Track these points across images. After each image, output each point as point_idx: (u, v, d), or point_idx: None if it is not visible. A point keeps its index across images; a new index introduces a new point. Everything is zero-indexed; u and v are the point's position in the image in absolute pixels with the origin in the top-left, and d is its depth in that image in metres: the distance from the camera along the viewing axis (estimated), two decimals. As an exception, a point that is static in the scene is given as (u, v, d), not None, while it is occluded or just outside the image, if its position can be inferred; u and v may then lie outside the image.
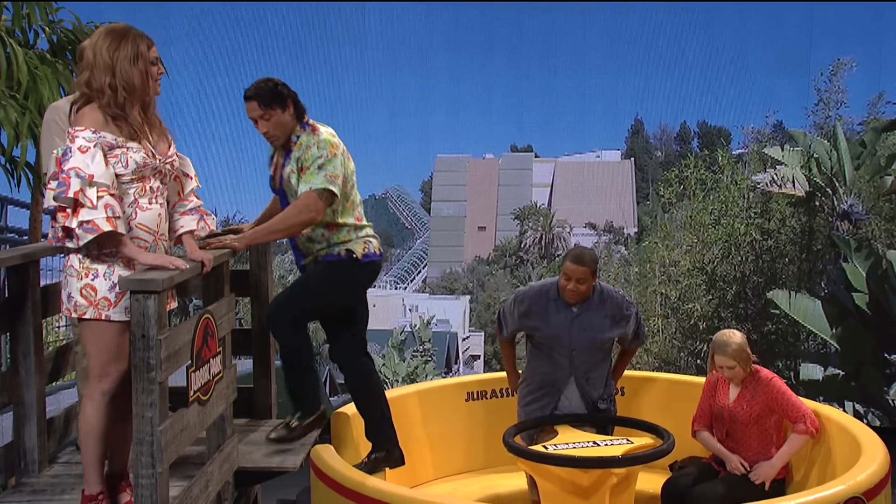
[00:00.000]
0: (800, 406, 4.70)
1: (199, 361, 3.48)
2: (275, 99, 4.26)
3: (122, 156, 3.32)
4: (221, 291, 3.89)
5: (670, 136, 13.12)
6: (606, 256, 12.63)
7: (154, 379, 3.09)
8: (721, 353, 4.74)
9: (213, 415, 3.71)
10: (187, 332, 3.40)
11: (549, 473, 4.50)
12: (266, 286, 4.91)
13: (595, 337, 4.72)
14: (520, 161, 13.10)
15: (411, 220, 13.95)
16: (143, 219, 3.40)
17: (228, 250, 3.96)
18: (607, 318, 4.75)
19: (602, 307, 4.74)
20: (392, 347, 12.98)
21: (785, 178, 10.77)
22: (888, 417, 9.53)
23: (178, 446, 3.31)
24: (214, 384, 3.68)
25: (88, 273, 3.31)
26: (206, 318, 3.58)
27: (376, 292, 13.75)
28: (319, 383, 5.11)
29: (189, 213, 3.66)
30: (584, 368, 4.74)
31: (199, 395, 3.49)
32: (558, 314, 4.71)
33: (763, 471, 4.64)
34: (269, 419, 4.89)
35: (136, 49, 3.37)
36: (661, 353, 11.39)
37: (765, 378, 4.75)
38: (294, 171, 4.31)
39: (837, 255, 10.14)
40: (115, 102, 3.32)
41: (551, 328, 4.71)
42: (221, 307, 3.80)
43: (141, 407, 3.09)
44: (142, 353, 3.09)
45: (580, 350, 4.70)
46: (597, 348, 4.75)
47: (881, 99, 10.28)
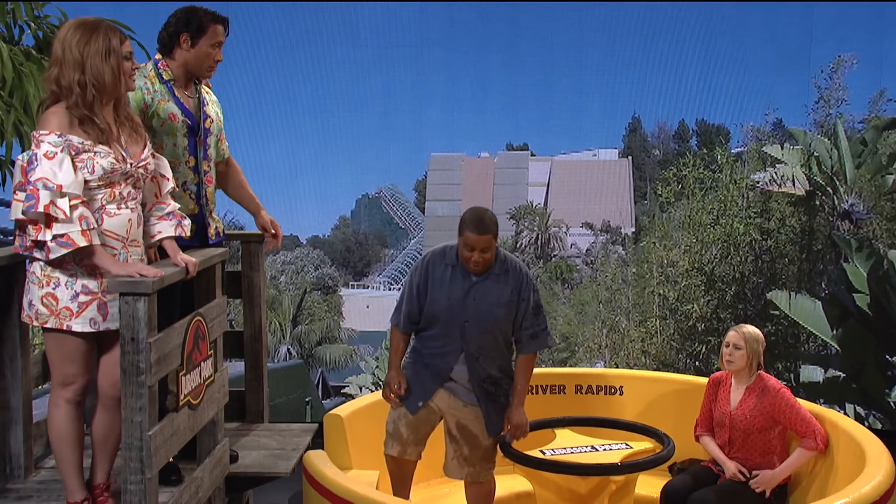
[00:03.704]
0: (809, 421, 4.66)
1: (189, 365, 3.46)
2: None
3: (89, 161, 3.21)
4: (213, 293, 3.86)
5: (668, 134, 13.11)
6: (604, 257, 12.62)
7: (143, 383, 3.07)
8: (735, 330, 4.76)
9: (204, 419, 3.69)
10: (178, 334, 3.38)
11: (546, 480, 4.50)
12: (258, 287, 4.89)
13: (492, 310, 4.33)
14: (515, 160, 13.08)
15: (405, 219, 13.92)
16: (111, 225, 3.30)
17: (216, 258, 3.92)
18: (507, 289, 4.36)
19: (505, 276, 4.38)
20: (386, 349, 12.92)
21: (785, 177, 10.77)
22: (890, 420, 9.54)
23: (168, 451, 3.29)
24: (205, 388, 3.66)
25: (50, 281, 3.23)
26: (198, 321, 3.56)
27: (370, 293, 13.73)
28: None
29: (167, 218, 3.56)
30: (476, 344, 4.37)
31: (189, 399, 3.47)
32: (454, 282, 4.36)
33: (765, 480, 4.63)
34: (261, 423, 4.87)
35: (108, 44, 3.26)
36: (659, 354, 11.39)
37: (772, 388, 4.71)
38: (221, 120, 4.29)
39: (838, 256, 10.14)
40: (83, 102, 3.21)
41: (445, 296, 4.35)
42: (213, 309, 3.78)
43: (130, 411, 3.07)
44: (131, 357, 3.06)
45: (473, 323, 4.34)
46: (492, 323, 4.35)
47: (882, 96, 10.29)
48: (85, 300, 3.24)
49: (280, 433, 4.76)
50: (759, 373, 4.78)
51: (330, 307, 13.82)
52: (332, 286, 13.68)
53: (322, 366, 13.84)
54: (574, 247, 13.20)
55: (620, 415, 5.43)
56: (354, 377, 13.11)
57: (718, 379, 4.94)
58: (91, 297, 3.25)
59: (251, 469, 4.23)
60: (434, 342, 4.42)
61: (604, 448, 4.64)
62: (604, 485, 4.37)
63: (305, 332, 14.04)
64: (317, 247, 13.60)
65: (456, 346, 4.38)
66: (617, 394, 5.77)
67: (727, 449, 4.79)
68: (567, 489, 4.40)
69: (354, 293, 13.82)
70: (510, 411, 4.48)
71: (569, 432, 4.94)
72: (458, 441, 4.47)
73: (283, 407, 10.72)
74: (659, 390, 5.74)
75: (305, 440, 4.66)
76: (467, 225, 4.29)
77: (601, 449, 4.63)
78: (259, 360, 4.92)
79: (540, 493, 4.61)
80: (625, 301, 12.14)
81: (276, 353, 13.86)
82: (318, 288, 13.80)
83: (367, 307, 13.45)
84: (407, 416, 4.48)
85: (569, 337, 12.33)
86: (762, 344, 4.76)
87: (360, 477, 4.72)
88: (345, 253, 13.88)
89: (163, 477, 3.42)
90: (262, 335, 4.93)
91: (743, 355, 4.71)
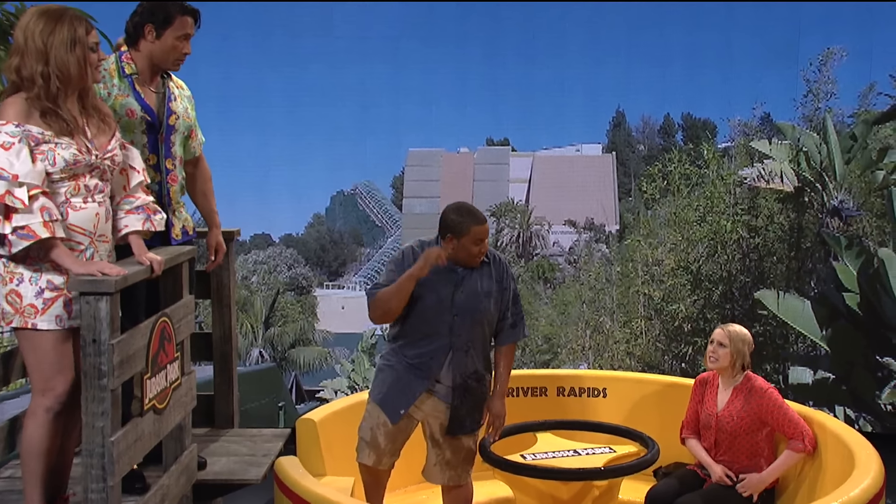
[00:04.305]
0: (797, 422, 4.69)
1: (154, 367, 3.43)
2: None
3: (49, 152, 3.17)
4: (180, 293, 3.83)
5: (653, 129, 13.19)
6: (587, 255, 12.67)
7: (106, 386, 3.04)
8: (722, 328, 4.79)
9: (170, 424, 3.65)
10: (142, 336, 3.34)
11: (527, 486, 4.50)
12: (228, 287, 4.86)
13: (480, 301, 4.38)
14: (496, 155, 13.11)
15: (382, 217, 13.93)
16: (77, 219, 3.26)
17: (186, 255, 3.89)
18: (492, 281, 4.43)
19: (488, 266, 4.44)
20: (362, 352, 12.96)
21: (773, 173, 10.83)
22: (880, 423, 9.60)
23: (132, 458, 3.26)
24: (172, 391, 3.62)
25: (13, 278, 3.18)
26: (163, 322, 3.53)
27: (345, 294, 13.72)
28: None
29: (135, 212, 3.51)
30: (465, 338, 4.38)
31: (154, 404, 3.44)
32: (440, 277, 4.36)
33: (752, 483, 4.65)
34: (231, 428, 4.85)
35: (74, 33, 3.21)
36: (644, 356, 11.43)
37: (759, 388, 4.73)
38: (191, 117, 4.23)
39: (827, 254, 10.21)
40: (46, 94, 3.17)
41: (433, 293, 4.35)
42: (179, 310, 3.75)
43: (91, 416, 3.04)
44: (93, 359, 3.03)
45: (463, 317, 4.35)
46: (481, 314, 4.39)
47: (872, 90, 10.37)
48: (50, 297, 3.20)
49: (251, 439, 4.73)
50: (746, 373, 4.80)
51: (304, 308, 13.81)
52: (306, 286, 13.67)
53: (296, 369, 13.83)
54: (556, 245, 13.24)
55: (603, 418, 5.44)
56: (329, 381, 13.09)
57: (705, 379, 4.95)
58: (56, 294, 3.21)
59: (220, 476, 4.20)
60: (422, 342, 4.40)
61: (586, 452, 4.65)
62: (586, 490, 4.38)
63: (278, 335, 14.02)
64: (290, 245, 13.57)
65: (444, 343, 4.37)
66: (600, 396, 5.77)
67: (713, 452, 4.80)
68: (549, 495, 4.40)
69: (329, 294, 13.81)
70: (491, 401, 4.50)
71: (550, 436, 4.94)
72: (441, 445, 4.46)
73: (255, 412, 10.68)
74: (643, 392, 5.75)
75: (277, 446, 4.64)
76: (470, 218, 4.34)
77: (584, 453, 4.63)
78: (229, 363, 4.89)
79: (520, 499, 4.62)
80: (609, 301, 12.19)
81: (248, 356, 13.82)
82: (292, 288, 13.78)
83: (343, 308, 13.45)
84: (386, 424, 4.46)
85: (551, 338, 12.36)
86: (749, 345, 4.77)
87: (335, 484, 4.71)
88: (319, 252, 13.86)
89: (126, 485, 3.38)
90: (231, 337, 4.91)
91: (727, 353, 4.73)
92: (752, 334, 4.87)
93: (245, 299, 13.47)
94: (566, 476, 4.38)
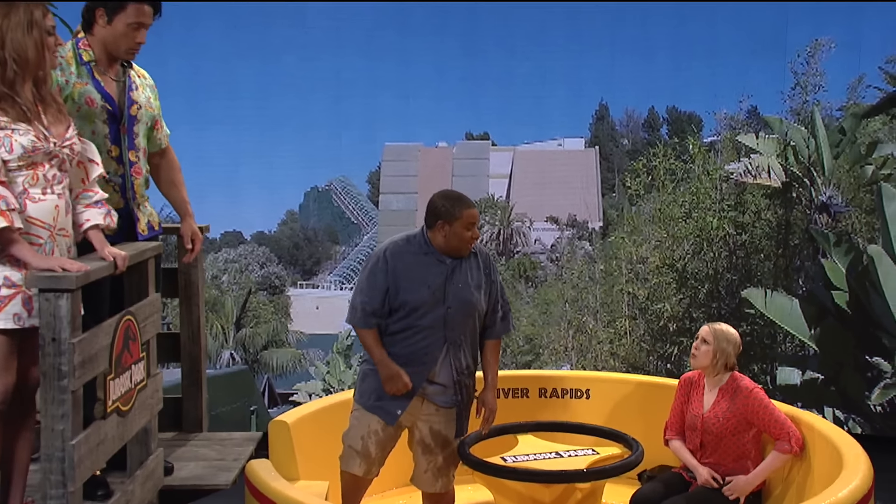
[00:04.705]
0: (783, 422, 4.71)
1: (118, 368, 3.39)
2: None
3: (6, 139, 3.14)
4: (145, 291, 3.80)
5: (637, 122, 13.24)
6: (570, 253, 12.70)
7: (66, 387, 3.00)
8: (708, 325, 4.81)
9: (135, 427, 3.62)
10: (105, 335, 3.31)
11: (508, 489, 4.49)
12: (196, 286, 4.84)
13: (472, 292, 4.41)
14: (475, 150, 13.12)
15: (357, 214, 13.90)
16: (36, 211, 3.22)
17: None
18: (481, 273, 4.49)
19: (475, 258, 4.50)
20: (337, 353, 12.94)
21: (760, 168, 10.90)
22: (870, 424, 9.67)
23: (94, 462, 3.23)
24: (136, 393, 3.59)
25: None
26: (128, 320, 3.50)
27: (320, 293, 13.69)
28: None
29: (95, 206, 3.48)
30: (458, 332, 4.41)
31: (118, 406, 3.40)
32: (430, 269, 4.39)
33: (738, 486, 4.66)
34: (199, 432, 4.82)
35: (30, 16, 3.19)
36: (628, 356, 11.47)
37: (744, 388, 4.75)
38: (154, 108, 4.17)
39: (816, 251, 10.27)
40: (2, 79, 3.15)
41: (425, 285, 4.36)
42: (145, 308, 3.72)
43: (51, 419, 3.00)
44: (52, 359, 3.00)
45: (456, 309, 4.37)
46: (472, 306, 4.42)
47: (861, 82, 10.44)
48: (7, 293, 3.16)
49: (220, 442, 4.71)
50: (732, 374, 4.81)
51: (277, 308, 13.77)
52: (279, 286, 13.63)
53: (268, 372, 13.78)
54: (538, 242, 13.26)
55: (586, 419, 5.43)
56: (303, 384, 13.05)
57: (690, 379, 4.96)
58: (14, 291, 3.17)
59: (188, 482, 4.18)
60: (414, 338, 4.39)
61: (569, 454, 4.64)
62: (569, 493, 4.37)
63: (250, 336, 13.97)
64: (262, 243, 13.53)
65: (438, 337, 4.38)
66: (583, 397, 5.78)
67: (699, 454, 4.81)
68: (530, 498, 4.39)
69: (303, 293, 13.77)
70: (485, 394, 4.53)
71: (532, 438, 4.94)
72: (433, 450, 4.45)
73: (226, 417, 10.64)
74: (627, 393, 5.76)
75: (248, 450, 4.62)
76: (460, 203, 4.39)
77: (566, 455, 4.63)
78: (197, 364, 4.87)
79: (501, 503, 4.61)
80: (592, 300, 12.22)
81: (219, 358, 13.76)
82: (264, 288, 13.74)
83: (317, 308, 13.42)
84: (378, 433, 4.44)
85: (533, 339, 12.38)
86: (735, 346, 4.78)
87: (309, 488, 4.69)
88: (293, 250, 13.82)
89: (88, 491, 3.35)
90: (200, 337, 4.89)
91: (708, 351, 4.75)
92: (739, 334, 4.88)
93: (215, 299, 13.41)
94: (548, 479, 4.38)
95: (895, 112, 10.12)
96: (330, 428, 4.66)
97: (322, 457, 4.75)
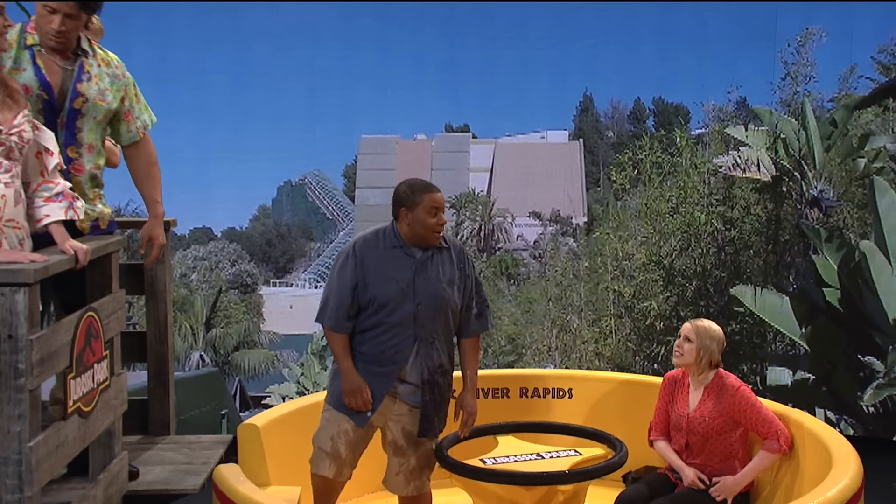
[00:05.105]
0: (771, 420, 4.73)
1: (80, 367, 3.37)
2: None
3: None
4: (108, 286, 3.77)
5: (623, 114, 13.28)
6: (553, 249, 12.72)
7: (23, 387, 2.97)
8: (690, 322, 4.84)
9: (98, 429, 3.59)
10: (66, 332, 3.28)
11: (487, 492, 4.48)
12: (164, 282, 4.81)
13: (443, 287, 4.38)
14: (455, 142, 13.12)
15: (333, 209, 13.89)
16: None
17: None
18: (454, 267, 4.45)
19: (448, 252, 4.47)
20: (312, 354, 12.91)
21: (749, 161, 10.94)
22: (862, 426, 9.72)
23: (53, 466, 3.20)
24: (99, 393, 3.56)
25: None
26: (90, 317, 3.47)
27: (293, 292, 13.66)
28: None
29: (55, 199, 3.44)
30: (430, 329, 4.38)
31: (79, 406, 3.37)
32: (399, 263, 4.37)
33: (726, 486, 4.68)
34: (167, 435, 4.79)
35: None
36: (613, 356, 11.50)
37: (730, 386, 4.77)
38: (111, 90, 4.02)
39: (807, 247, 10.32)
40: None
41: (393, 279, 4.34)
42: (108, 304, 3.69)
43: (7, 420, 2.97)
44: (8, 357, 2.96)
45: (426, 305, 4.35)
46: (444, 301, 4.39)
47: (853, 72, 10.50)
48: None
49: (188, 446, 4.67)
50: (717, 371, 4.83)
51: (248, 308, 13.73)
52: (251, 284, 13.59)
53: (240, 374, 13.74)
54: (520, 239, 13.28)
55: (569, 419, 5.45)
56: (277, 386, 13.02)
57: (675, 378, 4.98)
58: None
59: (154, 486, 4.13)
60: (383, 336, 4.38)
61: (550, 455, 4.64)
62: (550, 496, 4.37)
63: (221, 337, 13.92)
64: (233, 240, 13.49)
65: (409, 335, 4.36)
66: (565, 397, 5.80)
67: (684, 454, 4.83)
68: (510, 501, 4.38)
69: (276, 292, 13.75)
70: (463, 396, 4.51)
71: (512, 439, 4.94)
72: (405, 452, 4.44)
73: (196, 421, 10.58)
74: (610, 392, 5.77)
75: (217, 453, 4.58)
76: (422, 188, 4.38)
77: (548, 456, 4.63)
78: (165, 365, 4.84)
79: (480, 508, 4.61)
80: (576, 298, 12.24)
81: (188, 360, 13.72)
82: (235, 286, 13.70)
83: (291, 308, 13.39)
84: (348, 433, 4.43)
85: (515, 338, 12.40)
86: (719, 343, 4.80)
87: (280, 493, 4.67)
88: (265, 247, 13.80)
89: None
90: (167, 335, 4.86)
91: (692, 349, 4.77)
92: (728, 332, 4.91)
93: (184, 298, 13.37)
94: (529, 481, 4.37)
95: (888, 103, 10.17)
96: (302, 431, 4.64)
97: (294, 461, 4.73)
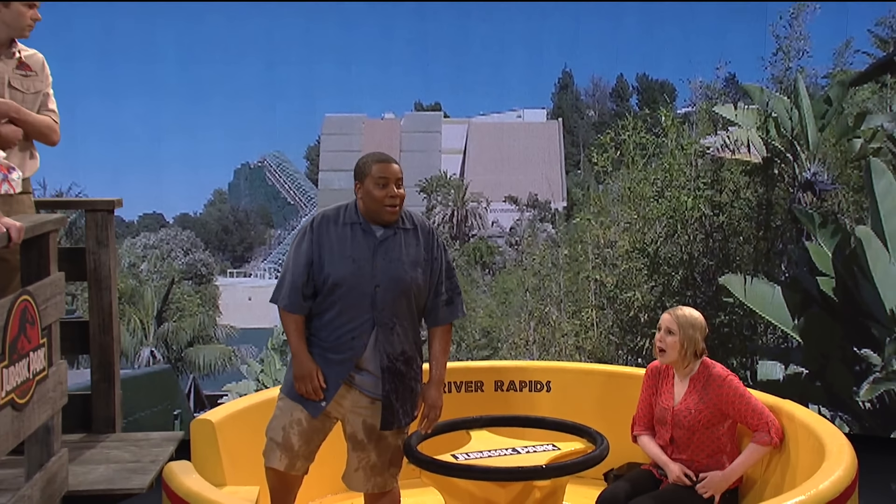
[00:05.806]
0: (761, 411, 4.75)
1: (13, 355, 3.32)
2: None
3: None
4: (46, 269, 3.74)
5: (604, 91, 13.29)
6: (530, 236, 12.72)
7: (-49, 375, 2.94)
8: (669, 313, 4.85)
9: (34, 424, 3.55)
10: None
11: (459, 489, 4.48)
12: (108, 268, 4.80)
13: (405, 269, 4.36)
14: (426, 122, 13.10)
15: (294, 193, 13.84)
16: None
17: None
18: (418, 246, 4.44)
19: (414, 231, 4.45)
20: (272, 349, 12.86)
21: (739, 142, 10.98)
22: (858, 422, 9.79)
23: (-15, 461, 3.16)
24: (36, 384, 3.52)
25: None
26: (24, 301, 3.42)
27: (251, 282, 13.60)
28: None
29: None
30: (389, 313, 4.36)
31: (13, 398, 3.33)
32: (357, 241, 4.36)
33: (714, 483, 4.70)
34: (112, 433, 4.77)
35: None
36: (595, 350, 11.53)
37: (717, 376, 4.79)
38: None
39: (799, 233, 10.37)
40: None
41: (349, 258, 4.33)
42: (45, 288, 3.65)
43: (-66, 410, 2.94)
44: (-66, 342, 2.93)
45: (386, 287, 4.34)
46: (406, 283, 4.37)
47: (848, 47, 10.55)
48: None
49: (136, 444, 4.68)
50: (702, 360, 4.85)
51: (203, 300, 13.65)
52: (206, 275, 13.52)
53: (194, 371, 13.67)
54: (496, 225, 13.28)
55: (547, 413, 5.47)
56: (234, 384, 12.96)
57: (658, 369, 4.99)
58: None
59: (97, 486, 4.12)
60: (339, 320, 4.37)
61: (527, 450, 4.65)
62: (527, 492, 4.37)
63: (173, 331, 13.83)
64: (186, 227, 13.41)
65: (366, 319, 4.34)
66: (543, 390, 5.82)
67: (669, 449, 4.85)
68: (484, 499, 4.38)
69: (233, 283, 13.69)
70: (426, 389, 4.50)
71: (486, 433, 4.94)
72: (365, 447, 4.43)
73: (146, 422, 10.54)
74: (590, 384, 5.81)
75: (167, 451, 4.58)
76: (373, 159, 4.39)
77: (524, 451, 4.63)
78: (109, 356, 4.82)
79: (452, 507, 4.61)
80: (555, 288, 12.26)
81: (137, 356, 13.62)
82: (189, 277, 13.62)
83: (250, 300, 13.34)
84: (301, 423, 4.41)
85: (490, 331, 12.41)
86: (701, 329, 4.81)
87: (236, 493, 4.65)
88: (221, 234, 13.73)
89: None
90: (112, 325, 4.84)
91: (675, 342, 4.77)
92: (717, 324, 4.93)
93: (133, 290, 13.27)
94: (504, 476, 4.37)
95: (885, 79, 10.23)
96: (261, 428, 4.62)
97: (252, 459, 4.70)
